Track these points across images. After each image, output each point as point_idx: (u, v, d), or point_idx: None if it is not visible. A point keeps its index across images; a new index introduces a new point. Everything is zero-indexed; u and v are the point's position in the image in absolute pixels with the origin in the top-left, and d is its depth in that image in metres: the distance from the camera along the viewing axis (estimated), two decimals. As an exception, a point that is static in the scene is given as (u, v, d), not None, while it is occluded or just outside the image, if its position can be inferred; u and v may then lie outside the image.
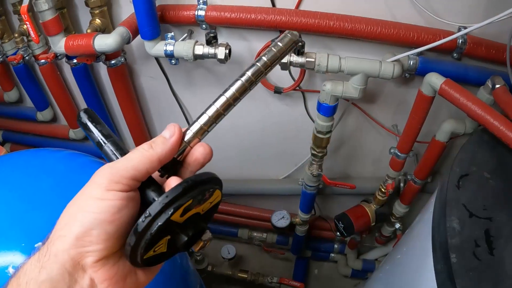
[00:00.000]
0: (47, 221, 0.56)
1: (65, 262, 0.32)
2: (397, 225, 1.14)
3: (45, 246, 0.33)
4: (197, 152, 0.38)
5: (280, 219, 1.20)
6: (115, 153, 0.38)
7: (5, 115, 1.35)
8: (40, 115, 1.25)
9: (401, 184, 1.09)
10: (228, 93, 0.39)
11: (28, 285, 0.31)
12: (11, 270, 0.52)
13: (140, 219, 0.33)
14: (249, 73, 0.40)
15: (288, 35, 0.42)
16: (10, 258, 0.53)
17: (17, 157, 0.75)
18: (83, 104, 1.17)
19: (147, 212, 0.33)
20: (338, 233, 1.12)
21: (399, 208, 1.13)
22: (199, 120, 0.39)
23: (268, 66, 0.41)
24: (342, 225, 1.09)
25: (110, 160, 0.38)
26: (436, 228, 0.65)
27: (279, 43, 0.42)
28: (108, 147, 0.39)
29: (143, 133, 1.18)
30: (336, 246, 1.42)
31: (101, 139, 0.39)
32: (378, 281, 0.96)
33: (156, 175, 0.38)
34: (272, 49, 0.41)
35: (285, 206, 1.26)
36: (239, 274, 1.33)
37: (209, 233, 0.38)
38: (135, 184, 0.35)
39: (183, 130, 0.39)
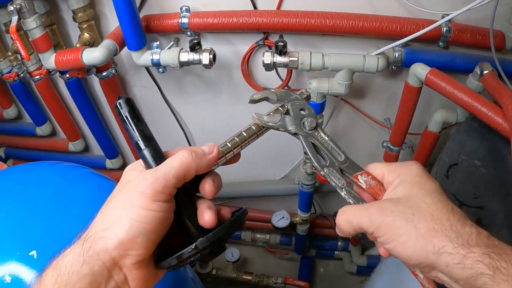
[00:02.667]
0: (43, 230, 0.58)
1: (107, 261, 0.36)
2: (398, 219, 1.12)
3: (87, 243, 0.36)
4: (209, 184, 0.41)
5: (280, 219, 1.20)
6: (155, 160, 0.39)
7: (6, 132, 1.37)
8: (40, 130, 1.27)
9: (399, 177, 1.08)
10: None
11: (70, 275, 0.35)
12: (7, 278, 0.53)
13: (187, 250, 0.36)
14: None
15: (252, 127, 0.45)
16: (6, 267, 0.54)
17: (16, 170, 0.77)
18: (80, 117, 1.18)
19: (194, 245, 0.36)
20: (338, 230, 1.11)
21: (398, 202, 1.11)
22: (228, 141, 0.43)
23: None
24: (341, 222, 1.08)
25: (147, 164, 0.39)
26: (427, 219, 0.65)
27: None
28: (148, 152, 0.39)
29: (140, 142, 1.19)
30: (339, 243, 1.41)
31: (141, 141, 0.39)
32: (381, 274, 0.95)
33: None
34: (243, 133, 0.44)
35: (285, 206, 1.26)
36: (243, 277, 1.33)
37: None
38: (174, 192, 0.38)
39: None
